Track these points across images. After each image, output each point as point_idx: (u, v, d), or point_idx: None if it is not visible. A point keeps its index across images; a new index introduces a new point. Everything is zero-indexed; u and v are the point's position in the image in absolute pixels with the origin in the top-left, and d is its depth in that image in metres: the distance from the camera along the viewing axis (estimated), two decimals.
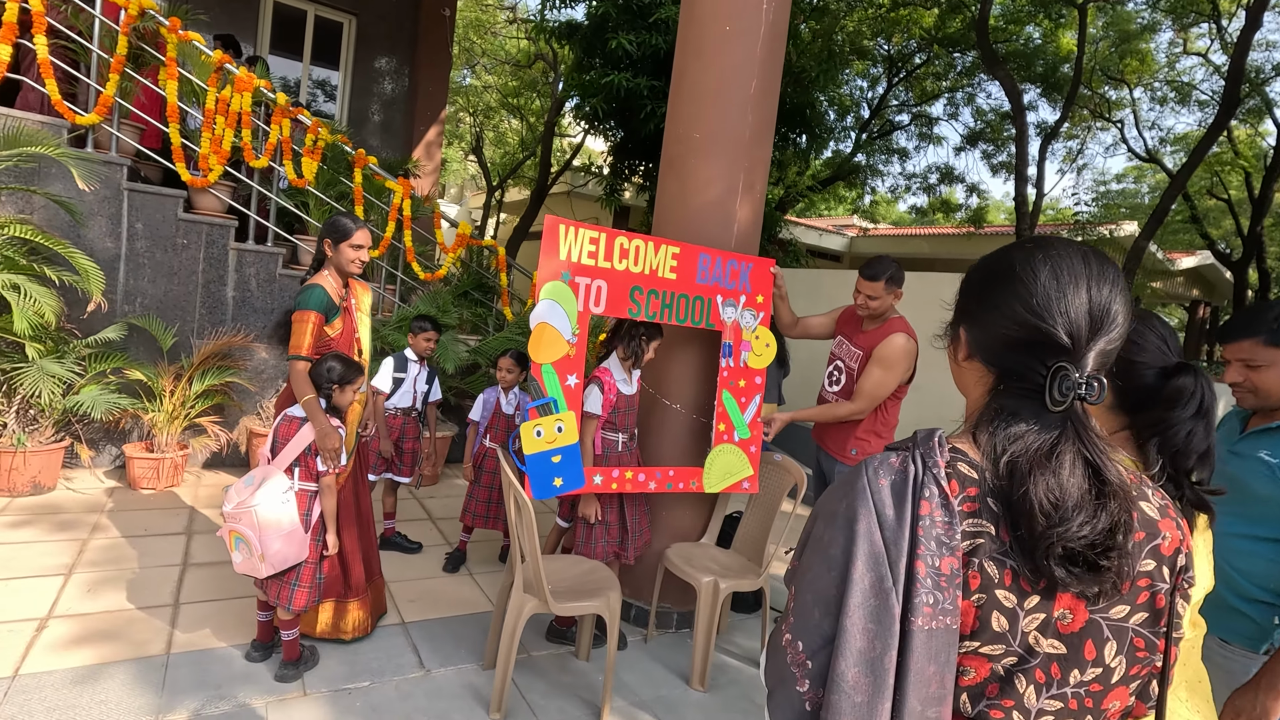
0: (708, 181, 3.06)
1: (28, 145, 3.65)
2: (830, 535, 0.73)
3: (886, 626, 0.68)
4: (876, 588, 0.69)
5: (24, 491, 3.75)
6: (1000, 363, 0.77)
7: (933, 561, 0.68)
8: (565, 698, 2.58)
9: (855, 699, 0.68)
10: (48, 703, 2.17)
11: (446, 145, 18.57)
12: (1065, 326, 0.72)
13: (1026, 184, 10.31)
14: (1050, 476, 0.69)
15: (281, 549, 2.31)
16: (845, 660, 0.68)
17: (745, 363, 3.01)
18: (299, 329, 2.54)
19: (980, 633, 0.71)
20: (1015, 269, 0.76)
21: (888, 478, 0.72)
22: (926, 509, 0.70)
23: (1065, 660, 0.73)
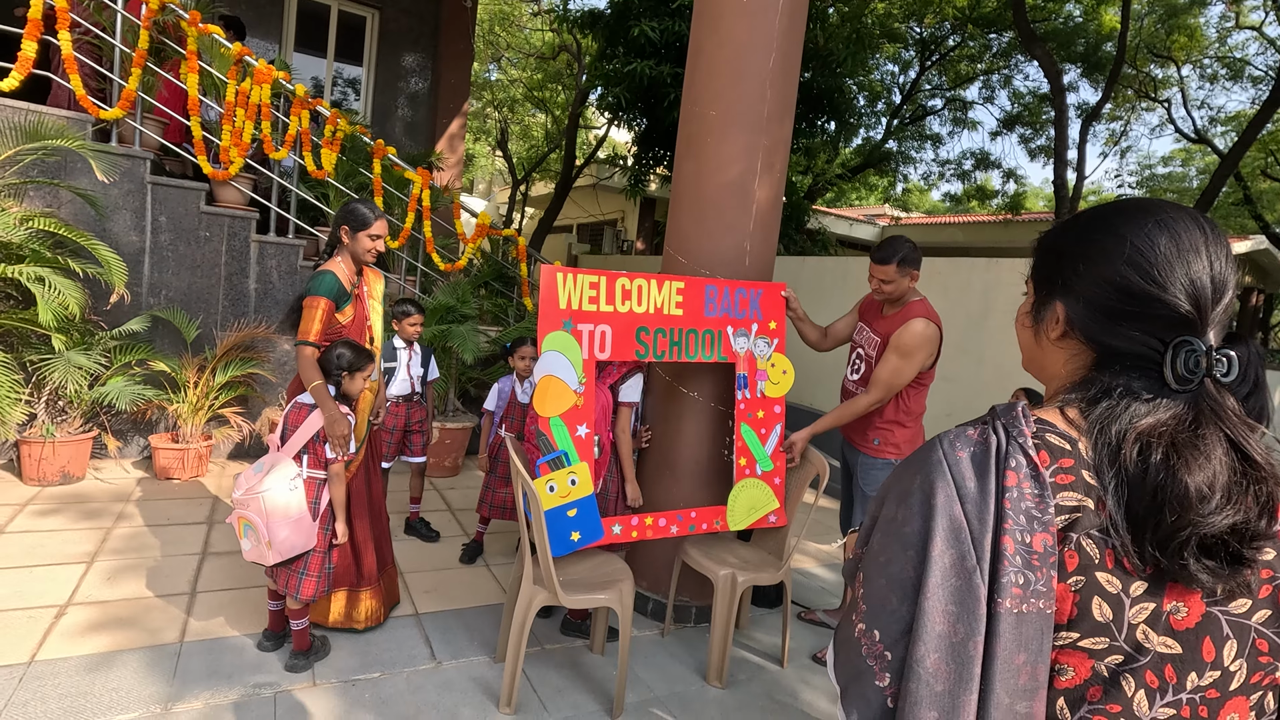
0: (726, 161, 2.95)
1: (52, 139, 3.70)
2: (904, 514, 0.68)
3: (970, 609, 0.63)
4: (958, 565, 0.64)
5: (54, 481, 3.82)
6: (1107, 339, 0.70)
7: (1022, 537, 0.63)
8: (578, 692, 2.51)
9: (935, 687, 0.63)
10: (60, 689, 2.17)
11: (474, 141, 18.68)
12: (1189, 297, 0.66)
13: (1066, 168, 9.93)
14: (1201, 460, 0.62)
15: (289, 537, 2.28)
16: (924, 645, 0.63)
17: (762, 392, 2.89)
18: (308, 314, 2.50)
19: (1080, 622, 0.64)
20: (1127, 236, 0.68)
21: (966, 449, 0.67)
22: (1014, 480, 0.64)
23: (1181, 661, 0.65)
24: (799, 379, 6.90)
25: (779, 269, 6.70)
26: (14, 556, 2.97)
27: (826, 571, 3.98)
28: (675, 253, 3.09)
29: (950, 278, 5.42)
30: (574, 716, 2.36)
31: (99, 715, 2.08)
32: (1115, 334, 0.69)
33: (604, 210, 15.63)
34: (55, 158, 3.96)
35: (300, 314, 2.54)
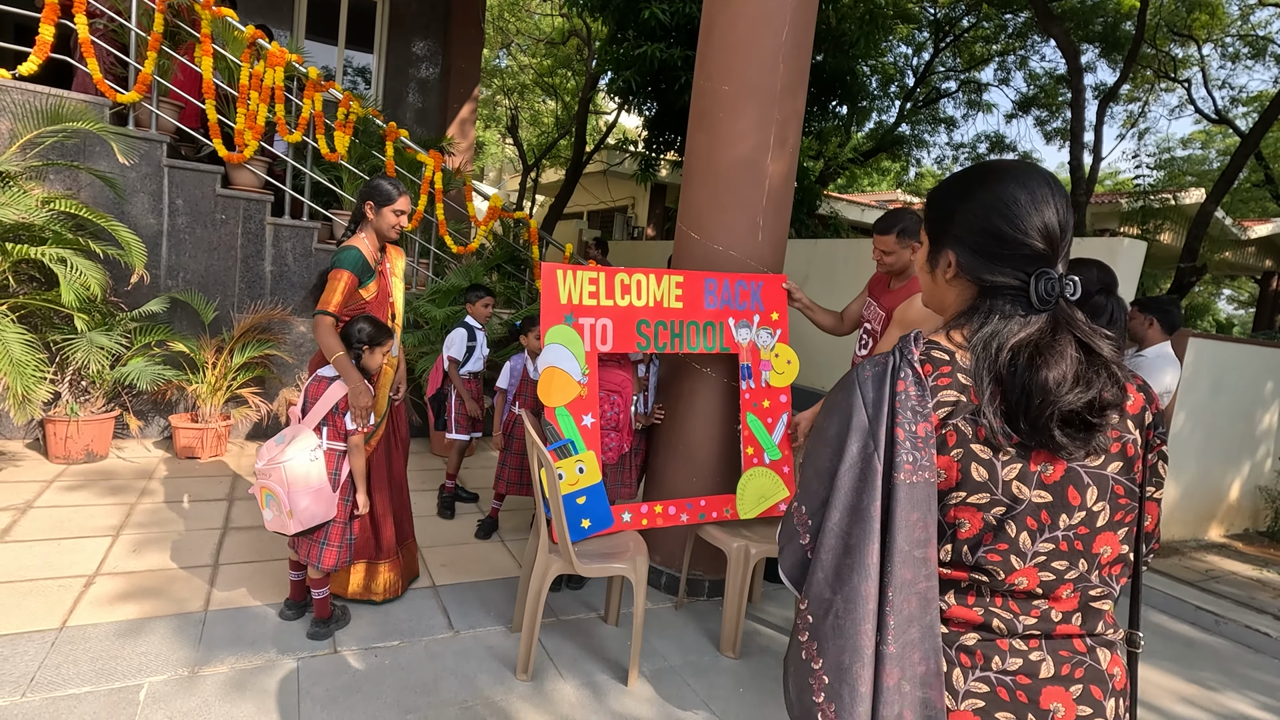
0: (738, 136, 2.95)
1: (71, 122, 3.74)
2: (827, 422, 0.88)
3: (870, 482, 0.82)
4: (861, 453, 0.83)
5: (78, 459, 3.89)
6: (986, 275, 0.89)
7: (909, 427, 0.82)
8: (593, 661, 2.55)
9: (847, 541, 0.83)
10: (91, 653, 2.23)
11: (484, 129, 18.67)
12: (1044, 239, 0.86)
13: (1083, 150, 9.78)
14: (1055, 359, 0.82)
15: (309, 506, 2.32)
16: (837, 511, 0.84)
17: (767, 382, 2.91)
18: (331, 286, 2.54)
19: (964, 484, 0.84)
20: (997, 194, 0.88)
21: (871, 370, 0.87)
22: (902, 386, 0.84)
23: (1052, 506, 0.85)
24: (809, 361, 6.94)
25: (790, 252, 6.69)
26: (43, 530, 3.04)
27: None
28: (688, 229, 3.09)
29: None
30: (589, 683, 2.40)
31: (129, 677, 2.14)
32: (992, 270, 0.89)
33: (614, 197, 15.59)
34: (74, 140, 4.01)
35: (324, 287, 2.58)
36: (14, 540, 2.92)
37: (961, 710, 0.85)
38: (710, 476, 3.04)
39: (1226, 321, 23.04)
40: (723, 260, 2.99)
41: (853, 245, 6.70)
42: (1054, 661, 0.85)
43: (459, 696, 2.24)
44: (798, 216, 10.09)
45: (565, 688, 2.36)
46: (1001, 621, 0.86)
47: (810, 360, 6.69)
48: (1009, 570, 0.84)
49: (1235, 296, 23.28)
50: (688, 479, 3.05)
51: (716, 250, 3.00)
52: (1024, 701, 0.84)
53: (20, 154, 3.81)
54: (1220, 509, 5.34)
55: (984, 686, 0.85)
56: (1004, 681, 0.85)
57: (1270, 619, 3.62)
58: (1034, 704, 0.84)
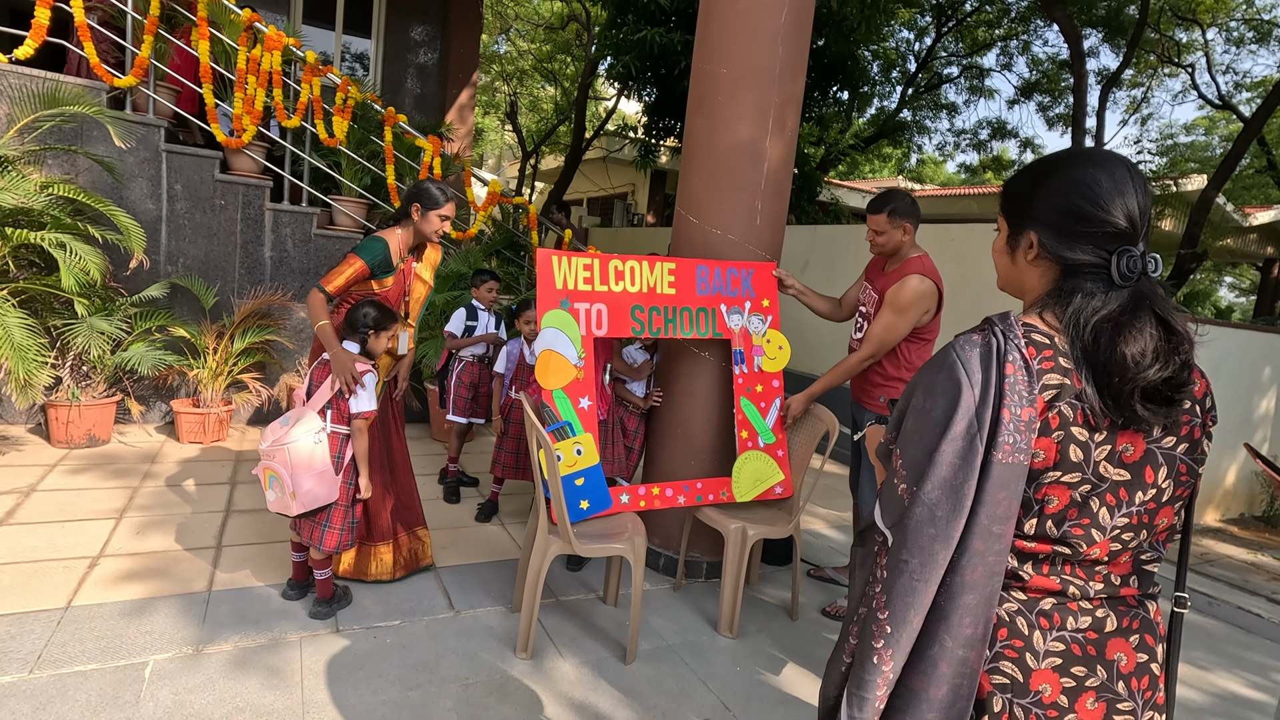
0: (736, 119, 2.94)
1: (68, 105, 3.74)
2: (930, 402, 0.91)
3: (969, 461, 0.87)
4: (965, 434, 0.87)
5: (80, 443, 3.92)
6: (1069, 254, 0.93)
7: (1015, 410, 0.87)
8: (592, 640, 2.58)
9: (936, 513, 0.89)
10: (97, 632, 2.26)
11: (483, 115, 18.55)
12: (1126, 218, 0.90)
13: (1085, 136, 9.73)
14: (1135, 335, 0.86)
15: (312, 488, 2.34)
16: (931, 484, 0.89)
17: (760, 367, 2.95)
18: (341, 268, 2.59)
19: (1061, 464, 0.90)
20: (1078, 177, 0.92)
21: (974, 350, 0.90)
22: (1011, 370, 0.87)
23: (1130, 485, 0.91)
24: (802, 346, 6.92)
25: (790, 238, 6.67)
26: (47, 512, 3.07)
27: (836, 532, 4.03)
28: (686, 213, 3.10)
29: (964, 245, 5.37)
30: (588, 661, 2.44)
31: (134, 655, 2.17)
32: (1074, 249, 0.93)
33: (614, 183, 15.53)
34: (72, 124, 4.00)
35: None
36: (19, 523, 2.95)
37: (1042, 669, 0.92)
38: (707, 459, 3.07)
39: (1227, 308, 23.02)
40: (720, 244, 2.99)
41: (853, 231, 6.69)
42: (1115, 617, 0.94)
43: (460, 674, 2.28)
44: (798, 203, 10.06)
45: (564, 666, 2.40)
46: (1076, 588, 0.93)
47: (806, 345, 6.70)
48: (1089, 543, 0.91)
49: (1237, 284, 23.24)
50: (685, 462, 3.07)
51: (714, 234, 3.00)
52: (1093, 654, 0.93)
53: (18, 138, 3.80)
54: (1217, 493, 5.37)
55: (1060, 645, 0.93)
56: (1076, 639, 0.93)
57: (1263, 601, 3.65)
58: (1101, 655, 0.93)
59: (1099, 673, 0.92)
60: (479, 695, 2.18)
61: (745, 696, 2.34)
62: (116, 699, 1.97)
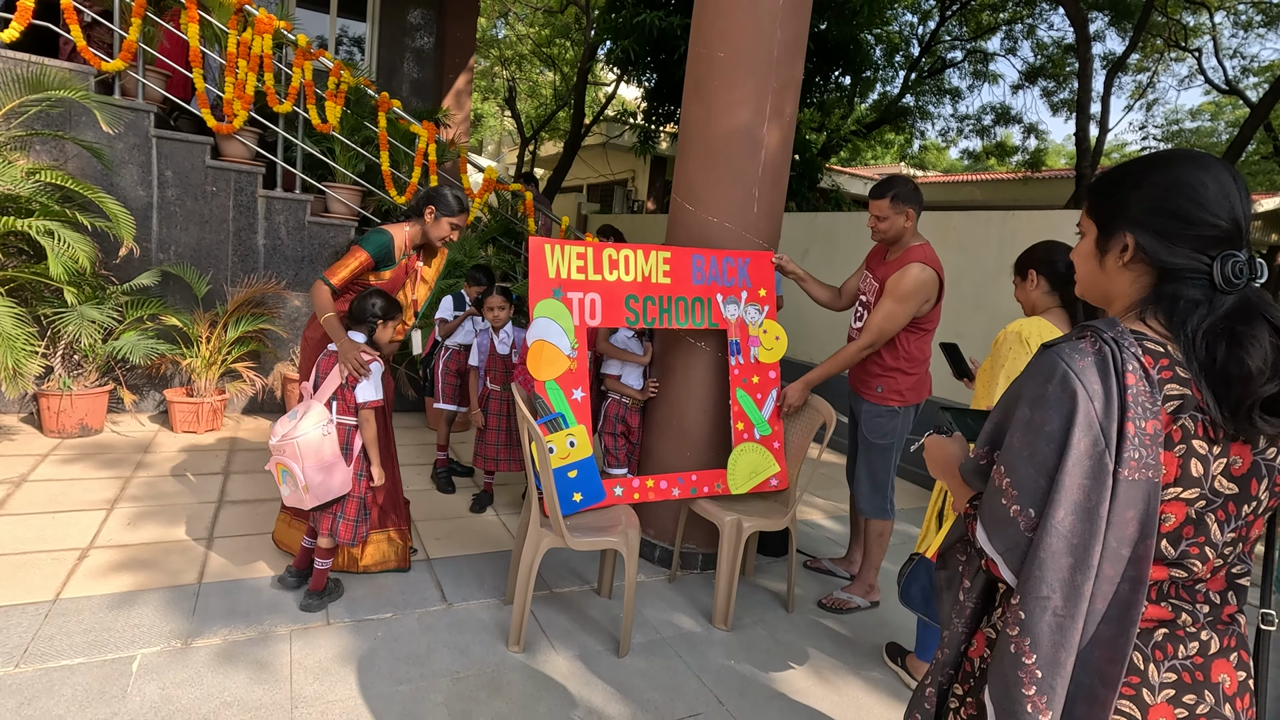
0: (734, 104, 2.88)
1: (55, 90, 3.67)
2: (1041, 415, 0.85)
3: (1100, 481, 0.81)
4: (1091, 450, 0.81)
5: (73, 433, 3.89)
6: (1169, 257, 0.88)
7: (1140, 424, 0.81)
8: (585, 632, 2.56)
9: (1073, 540, 0.82)
10: (84, 624, 2.24)
11: (481, 100, 18.38)
12: (1229, 221, 0.86)
13: (1089, 121, 9.63)
14: (1254, 344, 0.82)
15: (323, 480, 2.33)
16: (1063, 509, 0.82)
17: (756, 358, 2.90)
18: (346, 260, 2.62)
19: (1182, 480, 0.85)
20: (1180, 177, 0.88)
21: (1086, 359, 0.84)
22: (1132, 380, 0.82)
23: (1238, 499, 0.87)
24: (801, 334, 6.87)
25: (790, 225, 6.61)
26: (37, 503, 3.05)
27: (833, 523, 4.01)
28: (683, 201, 3.04)
29: (966, 233, 5.31)
30: (581, 655, 2.42)
31: (122, 649, 2.15)
32: (1175, 253, 0.88)
33: (614, 170, 15.42)
34: (59, 109, 3.94)
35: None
36: (8, 514, 2.92)
37: (1160, 703, 0.88)
38: (703, 451, 3.03)
39: None
40: (717, 232, 2.94)
41: (854, 219, 6.62)
42: (1218, 637, 0.90)
43: (451, 668, 2.26)
44: (799, 190, 9.97)
45: (557, 659, 2.38)
46: (1187, 613, 0.89)
47: (805, 333, 6.65)
48: (1204, 562, 0.87)
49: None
50: (680, 453, 3.04)
51: (711, 222, 2.95)
52: (1200, 680, 0.88)
53: (3, 123, 3.74)
54: None
55: (1172, 675, 0.88)
56: (1185, 666, 0.88)
57: None
58: (1208, 679, 0.89)
59: (1207, 698, 0.88)
60: (470, 689, 2.16)
61: (739, 691, 2.32)
62: (103, 694, 1.95)
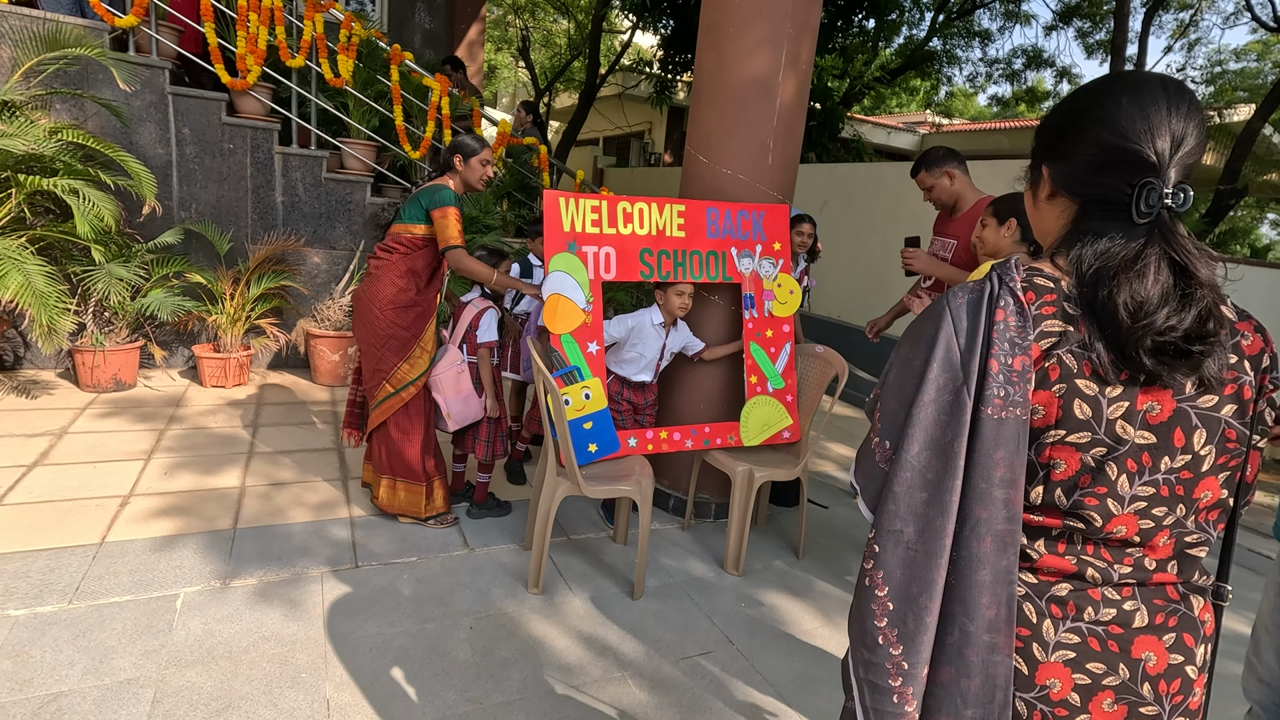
0: (747, 51, 2.82)
1: (71, 47, 3.69)
2: (913, 351, 0.84)
3: (956, 417, 0.79)
4: (949, 385, 0.79)
5: (108, 387, 4.04)
6: (1086, 190, 0.83)
7: (1005, 360, 0.78)
8: (601, 576, 2.66)
9: (927, 475, 0.80)
10: (130, 565, 2.38)
11: (495, 51, 18.02)
12: (1150, 144, 0.77)
13: (1125, 63, 9.23)
14: (1135, 280, 0.76)
15: (460, 409, 2.82)
16: (917, 444, 0.80)
17: (770, 312, 2.91)
18: (446, 223, 2.65)
19: (1065, 421, 0.79)
20: (1098, 98, 0.81)
21: (964, 296, 0.82)
22: (1001, 315, 0.79)
23: (1155, 449, 0.79)
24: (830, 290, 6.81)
25: (808, 177, 6.50)
26: (78, 453, 3.19)
27: (844, 474, 4.06)
28: (696, 152, 3.02)
29: (990, 182, 5.18)
30: (597, 597, 2.52)
31: (165, 588, 2.29)
32: (1092, 184, 0.82)
33: (630, 122, 15.14)
34: (76, 67, 3.96)
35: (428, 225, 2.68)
36: (53, 463, 3.07)
37: (1051, 661, 0.82)
38: (716, 403, 3.08)
39: (1265, 247, 22.16)
40: (730, 184, 2.92)
41: (873, 170, 6.50)
42: (1148, 610, 0.82)
43: (473, 608, 2.37)
44: (819, 140, 9.75)
45: (574, 600, 2.48)
46: (1096, 570, 0.82)
47: (831, 285, 6.61)
48: (1107, 517, 0.80)
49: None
50: (694, 406, 3.09)
51: (724, 174, 2.93)
52: (1115, 651, 0.82)
53: (23, 82, 3.78)
54: None
55: (1075, 638, 0.82)
56: (1095, 632, 0.82)
57: (1276, 544, 3.64)
58: (1125, 653, 0.82)
59: (1121, 671, 0.81)
60: (492, 627, 2.27)
61: (748, 631, 2.42)
62: (150, 627, 2.09)
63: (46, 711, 1.74)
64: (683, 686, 2.10)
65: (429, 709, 1.89)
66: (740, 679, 2.16)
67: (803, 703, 2.09)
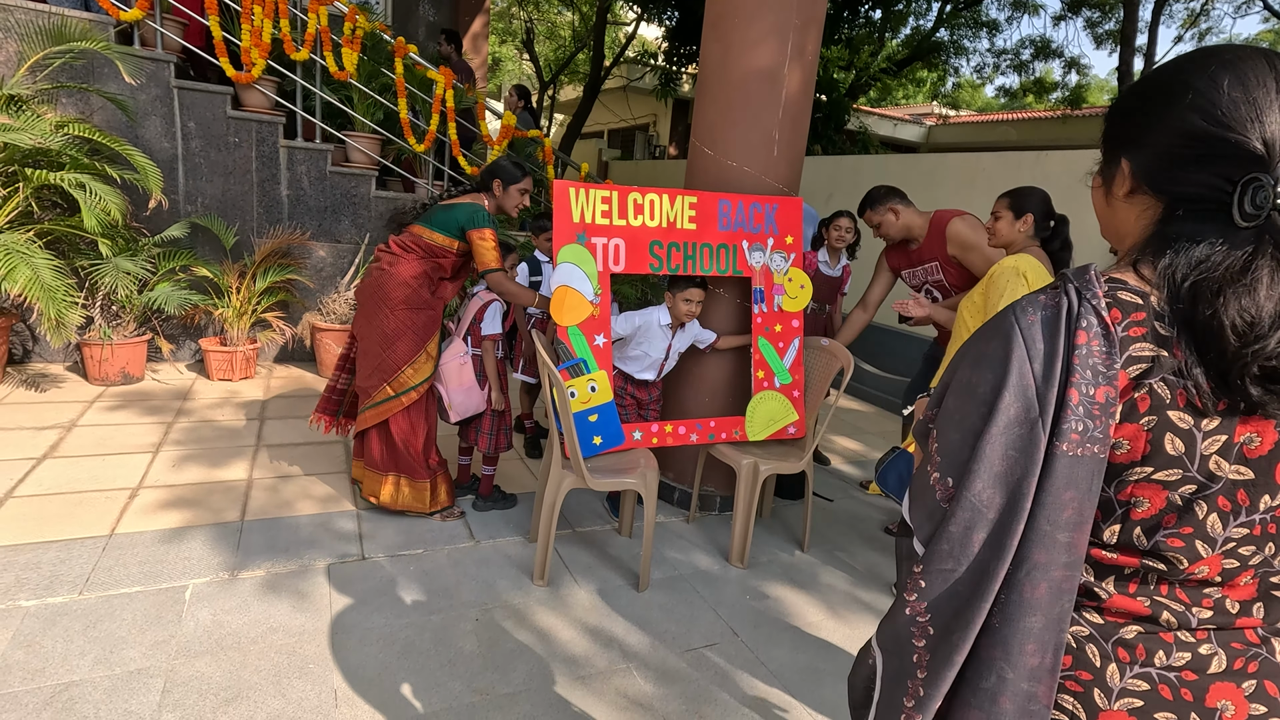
0: (753, 43, 2.80)
1: (76, 41, 3.69)
2: (978, 376, 0.73)
3: (1029, 454, 0.69)
4: (1021, 417, 0.69)
5: (115, 380, 4.06)
6: (1174, 188, 0.71)
7: (1087, 390, 0.68)
8: (606, 568, 2.67)
9: (988, 515, 0.71)
10: (139, 557, 2.40)
11: (499, 44, 17.96)
12: (1256, 133, 0.65)
13: (1134, 54, 9.14)
14: (1244, 294, 0.65)
15: (463, 400, 2.82)
16: (980, 480, 0.71)
17: (780, 307, 2.90)
18: (486, 246, 2.67)
19: (1153, 457, 0.69)
20: (1189, 78, 0.69)
21: (1037, 313, 0.71)
22: (1083, 339, 0.68)
23: (1253, 486, 0.69)
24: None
25: (813, 169, 6.47)
26: (87, 446, 3.22)
27: (850, 467, 4.06)
28: (701, 144, 3.00)
29: (997, 175, 5.16)
30: (602, 589, 2.53)
31: (174, 579, 2.31)
32: (1181, 180, 0.70)
33: (635, 114, 15.10)
34: (82, 61, 3.97)
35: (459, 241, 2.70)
36: (62, 455, 3.09)
37: (1114, 710, 0.74)
38: (722, 397, 3.07)
39: None
40: (736, 177, 2.91)
41: (879, 162, 6.46)
42: (1226, 655, 0.73)
43: (479, 599, 2.38)
44: (825, 132, 9.70)
45: (579, 592, 2.49)
46: (1172, 614, 0.73)
47: None
48: (1193, 558, 0.71)
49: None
50: (699, 399, 3.09)
51: (730, 166, 2.92)
52: (1188, 700, 0.72)
53: (29, 76, 3.79)
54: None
55: (1143, 684, 0.73)
56: (1167, 679, 0.73)
57: None
58: (1199, 702, 0.72)
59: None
60: (498, 619, 2.29)
61: (753, 623, 2.42)
62: (160, 618, 2.11)
63: (59, 701, 1.76)
64: (688, 678, 2.11)
65: (435, 699, 1.90)
66: (746, 671, 2.17)
67: (808, 695, 2.09)
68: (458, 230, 2.67)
